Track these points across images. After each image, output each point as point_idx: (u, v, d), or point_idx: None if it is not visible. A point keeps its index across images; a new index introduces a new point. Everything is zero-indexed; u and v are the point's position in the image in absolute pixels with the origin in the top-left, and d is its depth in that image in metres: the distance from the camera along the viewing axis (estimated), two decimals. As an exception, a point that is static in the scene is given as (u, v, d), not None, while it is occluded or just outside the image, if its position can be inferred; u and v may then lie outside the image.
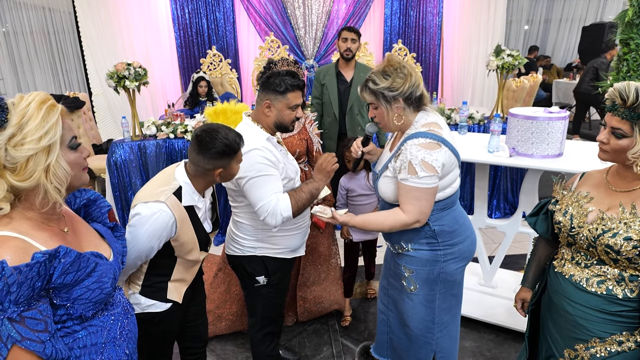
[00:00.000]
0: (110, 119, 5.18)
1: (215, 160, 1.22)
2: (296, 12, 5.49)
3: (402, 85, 1.29)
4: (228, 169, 1.26)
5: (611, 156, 1.07)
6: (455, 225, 1.42)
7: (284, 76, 1.41)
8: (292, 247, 1.60)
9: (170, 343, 1.44)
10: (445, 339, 1.52)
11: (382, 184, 1.40)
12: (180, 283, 1.36)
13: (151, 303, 1.31)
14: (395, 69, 1.30)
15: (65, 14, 7.03)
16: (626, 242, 1.01)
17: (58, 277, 0.78)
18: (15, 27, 6.58)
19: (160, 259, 1.30)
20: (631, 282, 1.04)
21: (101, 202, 1.06)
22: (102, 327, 0.90)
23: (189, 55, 5.50)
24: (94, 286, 0.84)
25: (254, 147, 1.39)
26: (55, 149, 0.79)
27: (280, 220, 1.40)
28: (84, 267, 0.82)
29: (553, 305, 1.19)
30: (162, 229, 1.20)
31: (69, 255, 0.79)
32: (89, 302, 0.84)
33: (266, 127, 1.47)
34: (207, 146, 1.20)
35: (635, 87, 0.98)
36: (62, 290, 0.80)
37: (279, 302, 1.68)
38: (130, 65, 3.14)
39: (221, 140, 1.20)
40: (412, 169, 1.27)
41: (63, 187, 0.82)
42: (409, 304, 1.48)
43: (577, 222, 1.11)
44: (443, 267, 1.42)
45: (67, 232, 0.88)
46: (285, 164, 1.48)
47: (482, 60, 5.19)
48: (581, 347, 1.11)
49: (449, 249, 1.42)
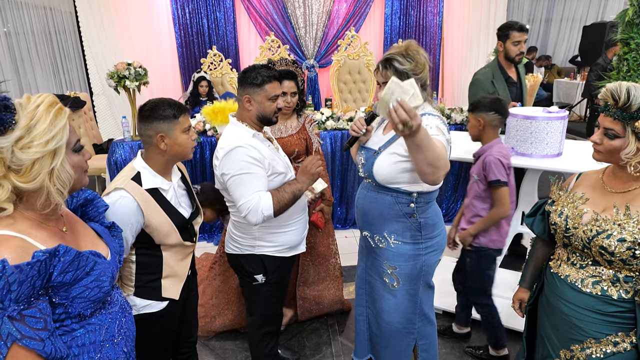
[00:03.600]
0: (110, 118, 5.20)
1: (154, 124, 1.23)
2: (296, 11, 5.49)
3: (423, 70, 1.34)
4: (171, 136, 1.25)
5: (605, 157, 1.07)
6: (435, 218, 1.47)
7: (260, 69, 1.44)
8: (291, 244, 1.61)
9: (167, 344, 1.43)
10: (425, 327, 1.56)
11: (381, 161, 1.37)
12: (174, 279, 1.35)
13: (146, 303, 1.31)
14: (415, 54, 1.35)
15: (66, 13, 7.04)
16: (620, 244, 1.01)
17: (58, 275, 0.78)
18: (16, 27, 6.59)
19: (145, 258, 1.30)
20: (626, 283, 1.04)
21: (98, 202, 1.06)
22: (101, 326, 0.90)
23: (189, 55, 5.51)
24: (92, 285, 0.85)
25: (238, 145, 1.40)
26: (61, 152, 0.80)
27: (261, 219, 1.40)
28: (83, 265, 0.83)
29: (549, 305, 1.20)
30: (128, 214, 1.20)
31: (68, 254, 0.80)
32: (88, 300, 0.85)
33: (251, 122, 1.49)
34: (147, 113, 1.24)
35: (627, 88, 0.99)
36: (61, 289, 0.81)
37: (278, 300, 1.68)
38: (130, 65, 3.15)
39: (160, 105, 1.25)
40: (439, 130, 1.31)
41: (66, 190, 0.83)
42: (391, 300, 1.49)
43: (572, 223, 1.11)
44: (425, 260, 1.45)
45: (66, 232, 0.89)
46: (274, 159, 1.48)
47: (483, 59, 5.19)
48: (577, 348, 1.12)
49: (430, 242, 1.45)
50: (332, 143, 3.38)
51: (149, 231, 1.26)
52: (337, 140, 3.38)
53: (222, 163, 1.42)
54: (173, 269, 1.35)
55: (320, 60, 5.70)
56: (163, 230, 1.28)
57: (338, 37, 5.51)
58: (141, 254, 1.29)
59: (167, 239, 1.30)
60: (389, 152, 1.37)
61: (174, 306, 1.36)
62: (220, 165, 1.43)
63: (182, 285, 1.37)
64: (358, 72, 4.88)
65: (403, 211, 1.40)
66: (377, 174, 1.39)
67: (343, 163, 3.45)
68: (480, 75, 2.62)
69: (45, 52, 7.41)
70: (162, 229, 1.27)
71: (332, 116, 3.45)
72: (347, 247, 3.21)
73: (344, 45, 4.83)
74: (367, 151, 1.45)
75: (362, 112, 3.48)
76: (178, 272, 1.36)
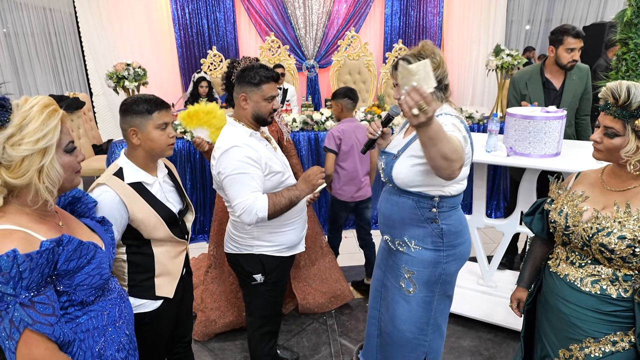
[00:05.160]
0: (110, 119, 5.20)
1: (128, 118, 1.27)
2: (296, 12, 5.50)
3: (437, 68, 1.31)
4: (144, 131, 1.27)
5: (605, 155, 1.07)
6: (459, 226, 1.42)
7: (258, 69, 1.45)
8: (290, 244, 1.61)
9: (161, 345, 1.41)
10: (436, 340, 1.52)
11: (400, 164, 1.35)
12: (167, 277, 1.35)
13: (140, 303, 1.30)
14: (430, 54, 1.32)
15: (65, 14, 7.05)
16: (620, 241, 1.01)
17: (63, 263, 0.83)
18: (16, 27, 6.60)
19: (136, 257, 1.30)
20: (625, 282, 1.04)
21: (86, 199, 1.11)
22: (102, 311, 0.95)
23: (189, 56, 5.51)
24: (94, 272, 0.90)
25: (234, 145, 1.40)
26: (50, 151, 0.84)
27: (255, 220, 1.40)
28: (85, 254, 0.88)
29: (548, 305, 1.19)
30: (111, 208, 1.21)
31: (71, 243, 0.85)
32: (90, 287, 0.90)
33: (247, 122, 1.50)
34: (124, 107, 1.28)
35: (627, 86, 0.99)
36: (65, 277, 0.85)
37: (277, 300, 1.68)
38: (129, 65, 3.15)
39: (137, 101, 1.28)
40: (454, 127, 1.27)
41: (55, 188, 0.86)
42: (405, 306, 1.46)
43: (572, 221, 1.11)
44: (444, 269, 1.41)
45: (62, 226, 0.93)
46: (271, 159, 1.49)
47: (482, 60, 5.18)
48: (576, 347, 1.11)
49: (451, 250, 1.40)
50: (332, 143, 3.38)
51: (135, 225, 1.26)
52: (337, 141, 3.38)
53: (219, 162, 1.42)
54: (166, 267, 1.34)
55: (320, 60, 5.70)
56: (150, 223, 1.28)
57: (338, 37, 5.52)
58: (132, 253, 1.29)
59: (155, 232, 1.29)
60: (407, 155, 1.35)
61: (168, 305, 1.35)
62: (217, 165, 1.43)
63: (176, 284, 1.37)
64: (358, 72, 4.88)
65: (425, 216, 1.37)
66: (396, 177, 1.36)
67: (342, 163, 3.44)
68: (517, 74, 2.57)
69: (45, 53, 7.41)
70: (149, 222, 1.27)
71: (331, 116, 3.45)
72: (347, 247, 3.21)
73: (344, 46, 4.83)
74: (387, 155, 1.43)
75: (362, 112, 3.48)
76: (171, 270, 1.36)
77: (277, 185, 1.50)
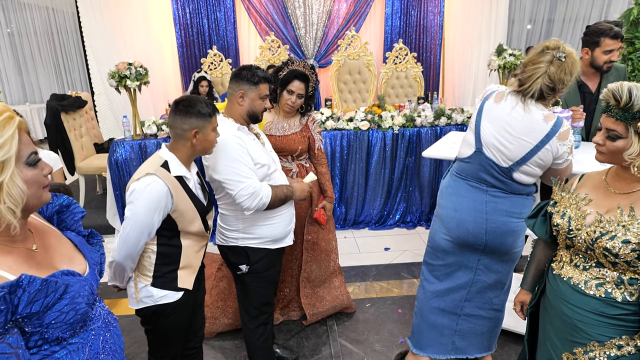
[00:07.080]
0: (111, 118, 5.20)
1: (190, 120, 1.31)
2: (297, 11, 5.48)
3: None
4: (204, 132, 1.34)
5: (608, 158, 1.06)
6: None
7: (256, 69, 1.54)
8: (275, 237, 1.64)
9: (179, 336, 1.46)
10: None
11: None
12: (188, 270, 1.41)
13: (164, 294, 1.36)
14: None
15: (68, 14, 7.05)
16: (624, 245, 0.99)
17: (25, 307, 0.72)
18: (19, 27, 6.61)
19: (166, 248, 1.36)
20: (630, 286, 1.02)
21: (74, 208, 1.00)
22: (83, 344, 0.84)
23: (189, 55, 5.51)
24: (67, 308, 0.78)
25: (227, 136, 1.48)
26: (9, 166, 0.72)
27: (258, 205, 1.48)
28: (52, 291, 0.76)
29: (551, 308, 1.18)
30: (159, 198, 1.27)
31: (33, 284, 0.72)
32: (64, 324, 0.79)
33: (239, 118, 1.57)
34: (185, 108, 1.32)
35: (629, 88, 0.97)
36: (32, 318, 0.74)
37: (265, 291, 1.70)
38: (131, 65, 3.15)
39: (197, 103, 1.34)
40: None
41: (18, 208, 0.74)
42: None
43: (575, 224, 1.10)
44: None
45: (36, 249, 0.82)
46: (257, 152, 1.55)
47: (484, 60, 5.15)
48: (580, 351, 1.10)
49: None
50: (332, 143, 3.37)
51: (175, 216, 1.32)
52: (337, 140, 3.38)
53: (214, 152, 1.48)
54: (190, 259, 1.40)
55: (320, 60, 5.69)
56: (188, 215, 1.35)
57: (338, 37, 5.50)
58: (162, 244, 1.35)
59: (191, 225, 1.36)
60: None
61: (188, 296, 1.41)
62: (212, 156, 1.49)
63: (195, 276, 1.42)
64: (358, 72, 4.86)
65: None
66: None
67: (343, 163, 3.44)
68: None
69: (48, 52, 7.41)
70: (188, 214, 1.34)
71: (332, 116, 3.44)
72: (347, 248, 3.20)
73: (344, 45, 4.81)
74: None
75: (362, 112, 3.46)
76: (193, 264, 1.42)
77: (262, 178, 1.55)
